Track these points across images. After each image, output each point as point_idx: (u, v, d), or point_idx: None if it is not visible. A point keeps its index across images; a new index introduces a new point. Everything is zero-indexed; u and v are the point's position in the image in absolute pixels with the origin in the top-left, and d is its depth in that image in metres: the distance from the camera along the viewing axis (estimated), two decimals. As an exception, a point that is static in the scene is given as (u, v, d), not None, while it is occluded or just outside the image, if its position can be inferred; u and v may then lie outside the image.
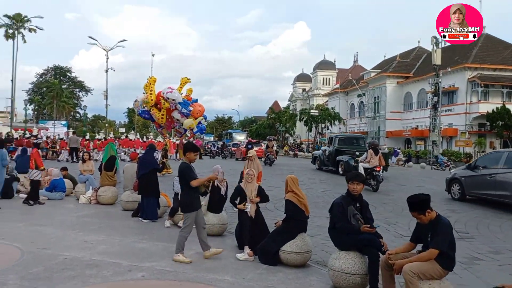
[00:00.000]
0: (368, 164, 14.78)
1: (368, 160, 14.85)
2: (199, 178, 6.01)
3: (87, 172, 12.15)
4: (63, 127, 54.24)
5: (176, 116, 15.28)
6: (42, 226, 8.15)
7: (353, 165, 17.82)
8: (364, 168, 14.68)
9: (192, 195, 5.99)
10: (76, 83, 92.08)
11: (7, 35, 53.83)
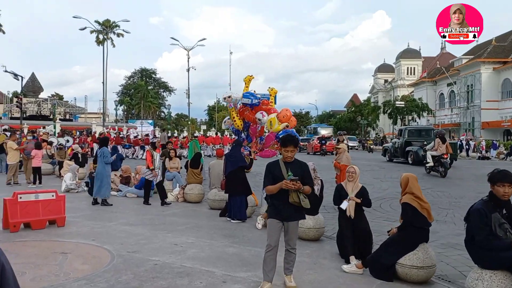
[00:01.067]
0: (436, 152, 15.40)
1: (435, 148, 15.46)
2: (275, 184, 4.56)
3: (174, 169, 12.00)
4: (150, 126, 56.83)
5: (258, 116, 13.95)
6: (131, 225, 7.94)
7: (422, 155, 18.17)
8: (432, 156, 15.47)
9: (273, 202, 4.66)
10: (160, 84, 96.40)
11: (98, 40, 57.79)
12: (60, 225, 7.61)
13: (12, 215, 7.10)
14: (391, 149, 23.37)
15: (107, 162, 10.14)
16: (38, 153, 13.61)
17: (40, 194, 7.56)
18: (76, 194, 11.73)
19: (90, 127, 46.68)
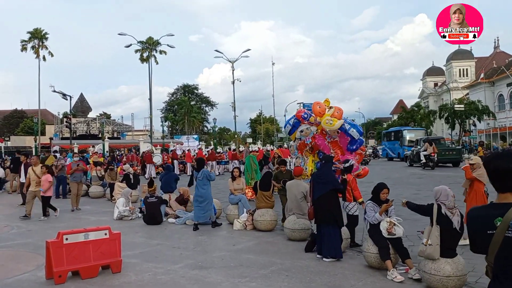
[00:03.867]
0: (426, 152, 24.88)
1: (425, 149, 25.07)
2: None
3: (239, 191, 10.34)
4: (195, 141, 56.23)
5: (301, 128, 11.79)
6: (202, 269, 6.29)
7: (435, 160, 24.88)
8: (424, 155, 25.07)
9: None
10: (202, 99, 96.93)
11: (142, 58, 58.16)
12: (116, 271, 6.07)
13: (56, 262, 5.63)
14: (410, 156, 29.10)
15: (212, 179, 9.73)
16: (48, 179, 11.18)
17: (90, 233, 6.07)
18: (130, 223, 10.31)
19: (137, 145, 46.48)
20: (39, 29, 48.12)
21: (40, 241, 8.29)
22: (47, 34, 48.62)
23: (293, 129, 9.05)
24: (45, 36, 48.44)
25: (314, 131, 8.79)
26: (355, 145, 8.51)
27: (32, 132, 52.06)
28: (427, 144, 25.04)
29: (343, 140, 8.64)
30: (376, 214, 6.17)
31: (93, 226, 10.05)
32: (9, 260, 6.91)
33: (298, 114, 8.77)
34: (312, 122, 8.81)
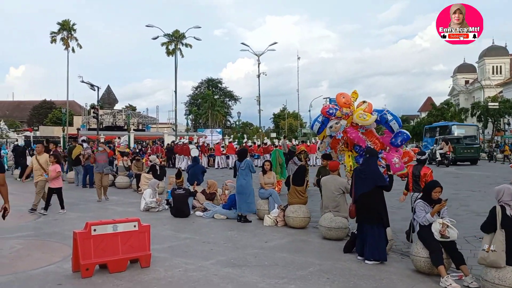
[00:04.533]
0: (442, 150, 26.42)
1: (441, 148, 26.60)
2: None
3: (269, 185, 9.90)
4: (218, 135, 56.08)
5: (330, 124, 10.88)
6: (235, 266, 5.88)
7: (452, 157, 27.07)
8: (440, 153, 26.47)
9: None
10: (226, 93, 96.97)
11: (168, 51, 58.30)
12: (145, 266, 5.73)
13: (84, 254, 5.32)
14: (429, 154, 28.05)
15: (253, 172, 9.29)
16: (56, 169, 10.09)
17: (119, 224, 5.74)
18: (157, 215, 10.01)
19: (162, 137, 46.65)
20: (68, 20, 48.70)
21: (67, 231, 8.08)
22: (75, 26, 49.18)
23: (322, 127, 8.48)
24: (73, 27, 48.99)
25: (344, 125, 8.22)
26: (400, 139, 7.88)
27: (60, 123, 52.90)
28: (444, 143, 26.94)
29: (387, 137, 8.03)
30: (427, 214, 5.63)
31: (120, 217, 9.83)
32: (35, 250, 6.68)
33: (324, 111, 8.22)
34: (339, 116, 8.24)
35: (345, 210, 7.77)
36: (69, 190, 14.86)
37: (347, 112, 8.06)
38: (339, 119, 7.92)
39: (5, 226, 8.32)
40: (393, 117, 8.07)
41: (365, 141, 8.19)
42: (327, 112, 7.98)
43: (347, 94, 8.44)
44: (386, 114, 8.04)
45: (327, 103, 51.77)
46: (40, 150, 10.58)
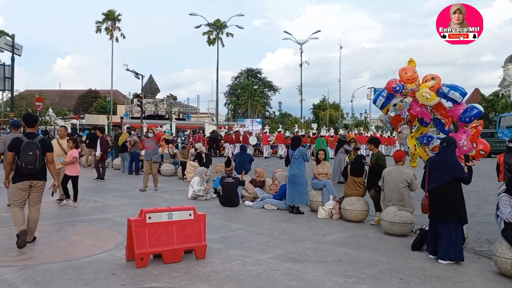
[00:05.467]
0: None
1: None
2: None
3: (323, 176, 9.37)
4: (258, 125, 55.80)
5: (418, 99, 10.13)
6: (295, 261, 5.44)
7: None
8: None
9: None
10: (265, 83, 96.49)
11: (209, 40, 58.37)
12: (200, 257, 5.39)
13: (139, 243, 5.03)
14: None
15: (307, 160, 8.88)
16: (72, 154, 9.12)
17: (174, 212, 5.42)
18: (205, 203, 9.73)
19: (203, 126, 46.89)
20: (113, 10, 49.56)
21: (117, 217, 7.94)
22: (120, 16, 50.00)
23: (386, 102, 7.82)
24: (118, 17, 49.83)
25: (409, 103, 7.55)
26: (470, 114, 7.04)
27: (105, 111, 54.29)
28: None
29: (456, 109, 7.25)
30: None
31: (168, 204, 9.63)
32: (87, 236, 6.51)
33: (389, 87, 7.54)
34: (405, 94, 7.55)
35: (410, 203, 7.18)
36: (116, 177, 14.96)
37: (412, 89, 7.38)
38: (405, 96, 7.27)
39: (55, 212, 8.29)
40: (449, 87, 7.24)
41: (430, 115, 7.54)
42: (393, 89, 7.32)
43: (411, 68, 7.72)
44: (441, 88, 7.26)
45: (372, 92, 49.75)
46: (63, 134, 9.61)
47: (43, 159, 5.87)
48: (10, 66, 20.01)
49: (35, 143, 5.80)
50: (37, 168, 5.78)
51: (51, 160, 6.03)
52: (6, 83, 19.98)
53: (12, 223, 7.11)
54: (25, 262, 5.07)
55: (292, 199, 8.77)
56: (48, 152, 5.98)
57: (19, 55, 20.18)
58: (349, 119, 70.62)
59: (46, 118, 38.75)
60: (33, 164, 5.71)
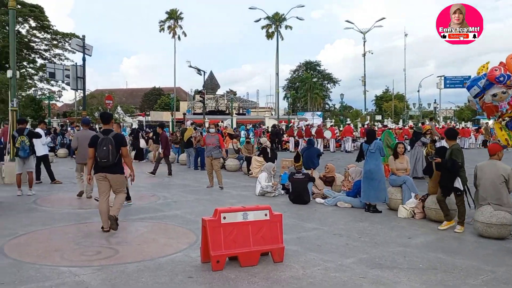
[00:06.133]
0: None
1: None
2: None
3: (402, 171, 8.66)
4: (319, 118, 54.79)
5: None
6: (383, 268, 4.90)
7: None
8: None
9: None
10: (324, 76, 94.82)
11: (268, 34, 58.10)
12: (278, 260, 5.02)
13: (214, 244, 4.75)
14: None
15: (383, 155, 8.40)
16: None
17: (249, 212, 5.08)
18: (274, 200, 9.38)
19: (263, 120, 46.78)
20: (175, 9, 50.74)
21: (187, 214, 7.81)
22: (181, 14, 51.11)
23: (481, 92, 7.05)
24: (180, 16, 50.97)
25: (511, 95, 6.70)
26: None
27: (168, 108, 55.90)
28: None
29: None
30: None
31: (236, 201, 9.41)
32: (160, 234, 6.38)
33: (491, 76, 6.72)
34: (509, 85, 6.70)
35: (509, 202, 6.34)
36: (182, 172, 15.09)
37: None
38: (509, 88, 6.42)
39: (126, 208, 8.30)
40: None
41: None
42: (496, 78, 6.51)
43: None
44: None
45: (442, 79, 46.80)
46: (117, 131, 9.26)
47: (117, 153, 6.29)
48: (82, 66, 20.93)
49: (109, 139, 6.24)
50: (111, 162, 6.23)
51: (126, 154, 6.57)
52: (78, 83, 20.92)
53: (88, 220, 7.25)
54: (102, 262, 4.98)
55: (368, 196, 8.17)
56: (122, 147, 6.40)
57: (89, 55, 21.03)
58: (415, 110, 67.27)
59: (115, 116, 40.52)
60: (106, 158, 6.18)
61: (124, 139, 6.67)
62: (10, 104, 12.13)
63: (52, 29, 40.27)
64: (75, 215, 7.68)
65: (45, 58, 41.51)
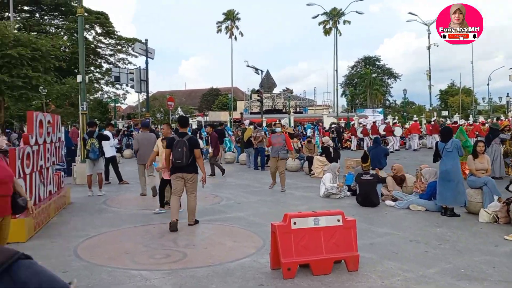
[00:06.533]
0: None
1: None
2: None
3: (482, 172, 7.94)
4: (379, 115, 53.03)
5: None
6: (471, 280, 4.43)
7: None
8: None
9: None
10: (384, 71, 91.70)
11: (325, 30, 57.16)
12: (352, 269, 4.70)
13: (285, 251, 4.53)
14: None
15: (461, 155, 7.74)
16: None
17: (321, 217, 4.80)
18: (340, 202, 9.00)
19: (321, 118, 46.04)
20: (232, 10, 51.29)
21: (251, 216, 7.66)
22: (238, 14, 51.57)
23: None
24: (237, 16, 51.44)
25: None
26: None
27: (226, 108, 56.66)
28: None
29: None
30: None
31: (300, 202, 9.14)
32: (225, 237, 6.27)
33: None
34: None
35: None
36: (242, 172, 15.04)
37: None
38: None
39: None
40: None
41: None
42: None
43: None
44: None
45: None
46: (167, 132, 8.50)
47: (190, 155, 6.63)
48: (145, 70, 21.65)
49: (184, 141, 6.62)
50: (184, 163, 6.59)
51: (199, 156, 6.81)
52: (142, 86, 21.67)
53: (155, 222, 7.32)
54: (171, 265, 4.93)
55: (445, 199, 7.55)
56: (195, 149, 6.73)
57: (152, 58, 21.71)
58: (484, 104, 63.19)
59: (176, 117, 41.67)
60: (180, 159, 6.56)
61: (198, 142, 7.04)
62: (80, 108, 12.69)
63: (116, 35, 42.18)
64: (141, 216, 7.79)
65: (110, 62, 43.57)
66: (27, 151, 6.78)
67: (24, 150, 6.69)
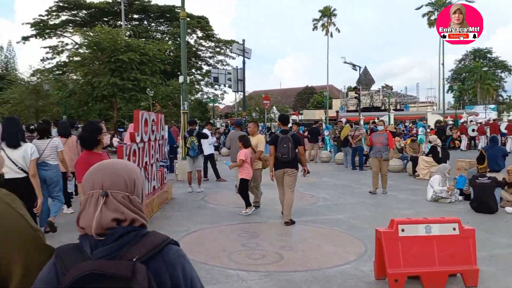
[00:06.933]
0: None
1: None
2: None
3: None
4: (491, 111, 48.13)
5: None
6: None
7: None
8: None
9: None
10: (497, 64, 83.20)
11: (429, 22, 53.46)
12: (471, 285, 4.13)
13: (391, 260, 4.11)
14: None
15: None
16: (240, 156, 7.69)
17: (433, 225, 4.27)
18: (450, 207, 8.15)
19: (424, 116, 43.14)
20: (328, 7, 50.38)
21: (351, 219, 7.26)
22: (335, 10, 50.49)
23: None
24: (333, 13, 50.42)
25: None
26: None
27: (321, 106, 55.92)
28: None
29: None
30: None
31: (405, 205, 8.46)
32: (324, 241, 5.96)
33: None
34: None
35: None
36: (338, 172, 14.52)
37: None
38: None
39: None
40: None
41: None
42: None
43: None
44: None
45: None
46: (253, 131, 8.30)
47: (294, 150, 6.90)
48: (242, 69, 22.07)
49: (288, 138, 6.90)
50: (290, 158, 6.87)
51: (302, 152, 7.16)
52: (239, 85, 22.11)
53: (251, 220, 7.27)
54: (268, 267, 4.77)
55: None
56: (299, 146, 7.01)
57: (248, 58, 22.03)
58: None
59: (271, 115, 42.13)
60: (287, 154, 6.85)
61: (300, 139, 7.27)
62: (182, 107, 13.27)
63: (216, 38, 43.91)
64: (238, 214, 7.79)
65: (210, 64, 45.52)
66: (133, 148, 7.15)
67: (131, 147, 7.07)
